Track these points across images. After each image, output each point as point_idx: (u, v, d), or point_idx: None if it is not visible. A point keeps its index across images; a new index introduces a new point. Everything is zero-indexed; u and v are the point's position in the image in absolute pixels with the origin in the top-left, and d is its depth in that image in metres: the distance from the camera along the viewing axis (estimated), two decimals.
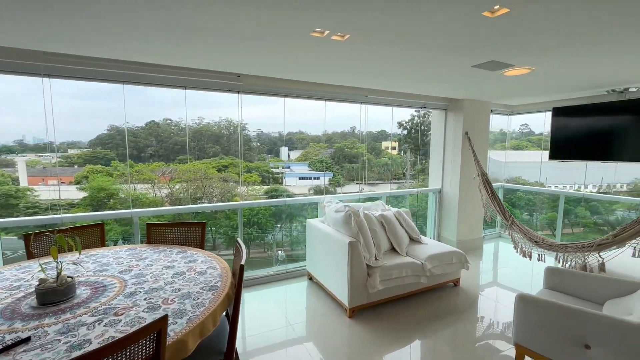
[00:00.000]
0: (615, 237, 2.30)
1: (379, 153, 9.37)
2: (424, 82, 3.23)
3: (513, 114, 4.96)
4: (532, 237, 3.06)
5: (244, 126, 8.29)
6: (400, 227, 3.33)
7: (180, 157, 7.93)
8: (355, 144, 9.58)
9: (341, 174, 9.43)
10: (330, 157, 9.26)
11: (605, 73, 2.78)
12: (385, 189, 8.57)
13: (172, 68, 2.67)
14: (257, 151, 9.00)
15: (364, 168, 8.74)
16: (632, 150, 3.40)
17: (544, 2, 1.48)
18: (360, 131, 8.73)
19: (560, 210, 4.65)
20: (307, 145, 9.51)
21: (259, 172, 8.50)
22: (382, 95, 3.70)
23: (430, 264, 3.00)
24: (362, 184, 8.41)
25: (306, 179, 8.68)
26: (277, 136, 8.57)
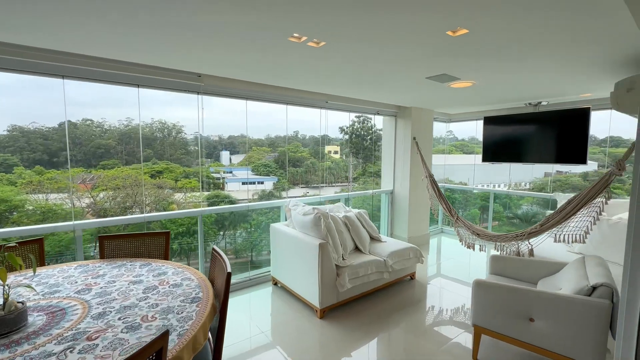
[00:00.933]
0: (542, 226, 2.76)
1: (322, 157, 9.53)
2: (381, 91, 3.46)
3: (450, 122, 5.56)
4: (474, 230, 3.47)
5: (179, 129, 7.72)
6: (362, 227, 3.49)
7: (105, 161, 7.04)
8: (298, 147, 9.58)
9: (285, 178, 9.37)
10: (274, 161, 9.11)
11: (526, 88, 3.30)
12: (330, 192, 8.68)
13: (123, 64, 2.43)
14: (196, 155, 8.45)
15: (308, 172, 8.75)
16: (542, 154, 4.08)
17: (494, 28, 1.73)
18: (304, 135, 8.73)
19: (490, 206, 5.34)
20: (250, 149, 9.27)
21: (197, 178, 7.96)
22: (341, 101, 3.85)
23: (391, 260, 3.20)
24: (306, 187, 8.48)
25: (250, 183, 8.43)
26: (217, 140, 8.17)
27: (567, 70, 2.55)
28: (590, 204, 2.44)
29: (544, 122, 4.00)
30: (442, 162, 6.14)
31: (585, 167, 6.41)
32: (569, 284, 2.05)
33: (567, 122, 3.80)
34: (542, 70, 2.55)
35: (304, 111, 3.75)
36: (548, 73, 2.65)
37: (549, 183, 6.73)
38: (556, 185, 6.51)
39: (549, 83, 3.01)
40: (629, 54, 2.16)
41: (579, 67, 2.46)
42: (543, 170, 6.63)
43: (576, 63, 2.36)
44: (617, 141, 5.04)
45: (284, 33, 1.83)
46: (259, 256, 5.81)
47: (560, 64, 2.38)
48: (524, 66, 2.47)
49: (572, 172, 6.45)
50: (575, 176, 6.49)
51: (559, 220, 2.62)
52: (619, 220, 3.02)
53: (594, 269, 2.04)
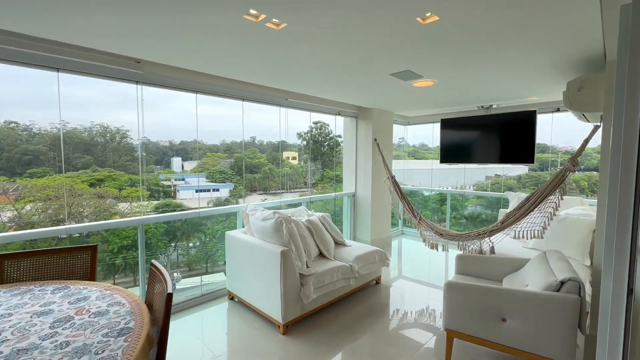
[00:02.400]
0: (503, 223, 2.80)
1: (280, 163, 9.38)
2: (344, 89, 3.32)
3: (409, 124, 5.65)
4: (437, 230, 3.46)
5: (124, 133, 6.99)
6: (326, 231, 3.30)
7: (33, 169, 6.11)
8: (255, 153, 9.32)
9: (242, 184, 9.02)
10: (230, 168, 8.71)
11: (481, 87, 3.39)
12: (289, 197, 8.54)
13: (38, 41, 1.98)
14: (144, 162, 7.78)
15: (266, 178, 8.53)
16: (495, 155, 4.27)
17: (464, 17, 1.66)
18: (261, 141, 8.47)
19: (448, 206, 5.49)
20: (204, 155, 8.81)
21: (145, 186, 7.32)
22: (302, 99, 3.65)
23: (357, 265, 3.04)
24: (264, 194, 8.22)
25: (204, 191, 7.96)
26: (167, 145, 7.62)
27: (523, 69, 2.62)
28: (547, 201, 2.51)
29: (495, 124, 4.18)
30: (402, 167, 6.25)
31: (519, 170, 7.01)
32: (536, 280, 2.04)
33: (516, 124, 4.00)
34: (499, 67, 2.59)
35: (262, 115, 3.48)
36: (505, 71, 2.71)
37: (489, 185, 7.27)
38: (495, 187, 7.14)
39: (504, 82, 3.11)
40: (579, 55, 2.26)
41: (533, 67, 2.54)
42: (484, 174, 7.20)
43: (531, 63, 2.43)
44: (542, 147, 5.45)
45: (238, 8, 1.58)
46: (214, 267, 5.35)
47: (518, 62, 2.43)
48: (484, 63, 2.48)
49: (508, 175, 7.02)
50: (511, 179, 7.04)
51: (518, 217, 2.67)
52: (567, 215, 3.19)
53: (557, 263, 2.05)
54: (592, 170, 6.14)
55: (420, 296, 3.30)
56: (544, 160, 6.59)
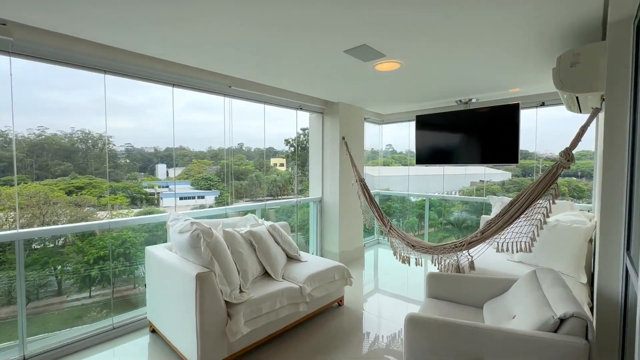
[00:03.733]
0: (483, 233, 2.30)
1: (268, 170, 9.29)
2: (295, 73, 2.79)
3: (383, 123, 5.18)
4: (409, 241, 2.94)
5: (107, 139, 6.46)
6: (275, 244, 2.72)
7: (8, 177, 5.51)
8: (243, 160, 9.02)
9: (228, 191, 8.72)
10: (216, 174, 8.34)
11: (456, 74, 2.93)
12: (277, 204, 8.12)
13: None
14: (127, 169, 7.42)
15: (253, 185, 8.23)
16: (474, 154, 3.81)
17: None
18: (249, 147, 8.16)
19: (426, 212, 5.00)
20: (190, 162, 8.49)
21: (127, 193, 6.85)
22: (251, 88, 3.10)
23: (310, 286, 2.48)
24: (251, 201, 8.00)
25: (189, 198, 7.60)
26: (152, 152, 7.23)
27: (503, 44, 2.16)
28: (535, 206, 2.02)
29: (475, 120, 3.73)
30: (377, 174, 5.79)
31: (502, 176, 6.77)
32: (526, 310, 1.52)
33: (498, 119, 3.56)
34: (474, 41, 2.12)
35: (250, 122, 3.12)
36: (481, 47, 2.24)
37: (474, 191, 7.00)
38: (479, 194, 6.88)
39: (481, 65, 2.65)
40: (570, 21, 1.80)
41: (514, 41, 2.08)
42: (470, 180, 6.96)
43: (512, 35, 1.96)
44: (524, 154, 5.10)
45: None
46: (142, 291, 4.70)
47: (497, 33, 1.96)
48: (457, 37, 2.00)
49: (491, 181, 6.81)
50: (494, 184, 6.84)
51: (501, 225, 2.17)
52: (557, 223, 2.72)
53: (553, 289, 1.54)
54: (570, 176, 5.90)
55: (395, 318, 2.75)
56: (527, 166, 6.30)
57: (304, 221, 4.52)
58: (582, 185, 6.20)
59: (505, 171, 6.71)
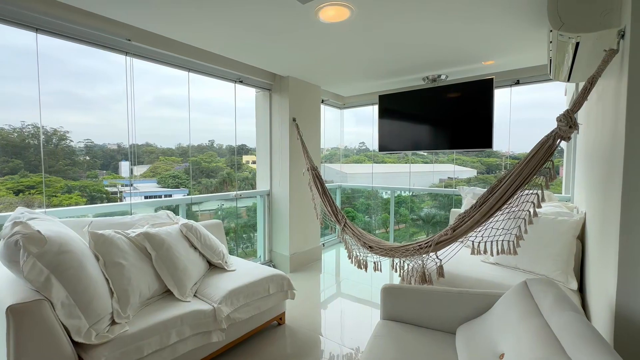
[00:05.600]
0: (455, 230, 1.77)
1: (240, 167, 8.99)
2: (212, 27, 2.11)
3: (345, 107, 4.60)
4: (366, 241, 2.37)
5: (63, 135, 5.79)
6: (189, 249, 2.04)
7: None
8: (213, 157, 8.53)
9: (198, 189, 8.26)
10: (184, 172, 7.83)
11: (424, 43, 2.39)
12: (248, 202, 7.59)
13: None
14: (87, 166, 6.71)
15: (224, 182, 7.80)
16: (443, 139, 3.34)
17: None
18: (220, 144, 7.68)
19: (391, 207, 4.52)
20: (157, 159, 7.94)
21: (86, 192, 6.13)
22: (161, 46, 2.36)
23: (229, 305, 1.82)
24: (221, 199, 7.69)
25: (155, 197, 7.11)
26: (115, 148, 6.59)
27: None
28: (523, 192, 1.50)
29: (444, 99, 3.25)
30: (339, 170, 5.25)
31: (469, 173, 6.63)
32: (520, 351, 0.97)
33: (470, 98, 3.09)
34: (440, 20, 1.56)
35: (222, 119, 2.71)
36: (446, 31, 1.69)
37: (443, 187, 6.85)
38: None
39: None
40: None
41: None
42: (438, 177, 6.80)
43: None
44: (488, 152, 4.81)
45: None
46: None
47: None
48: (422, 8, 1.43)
49: (459, 178, 6.75)
50: (461, 181, 6.74)
51: (478, 219, 1.64)
52: (540, 215, 2.26)
53: (560, 316, 1.00)
54: None
55: (357, 336, 2.17)
56: (491, 163, 6.41)
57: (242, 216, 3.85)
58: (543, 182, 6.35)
59: (471, 168, 6.69)
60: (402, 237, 5.72)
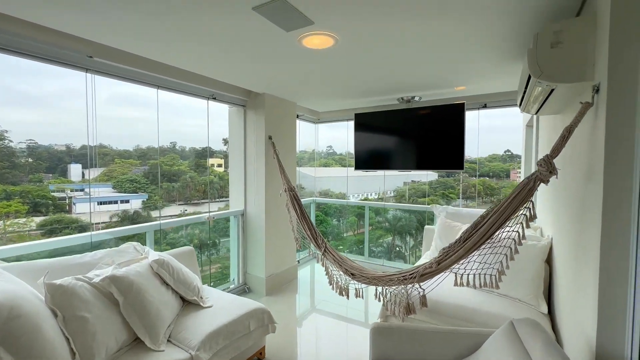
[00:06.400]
0: (439, 264, 1.80)
1: (204, 170, 8.58)
2: (193, 42, 1.98)
3: (319, 122, 4.58)
4: (348, 268, 2.34)
5: (0, 134, 5.19)
6: (161, 288, 1.87)
7: None
8: (176, 160, 8.06)
9: (159, 194, 7.78)
10: (143, 176, 7.32)
11: (401, 69, 2.44)
12: (213, 207, 7.28)
13: None
14: (29, 169, 5.98)
15: (187, 187, 7.41)
16: (417, 159, 3.43)
17: None
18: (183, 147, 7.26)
19: (366, 219, 4.55)
20: (112, 161, 7.30)
21: (28, 199, 5.46)
22: (126, 62, 2.17)
23: (208, 351, 1.70)
24: (185, 204, 7.18)
25: (110, 203, 6.45)
26: (64, 150, 5.94)
27: (457, 14, 1.66)
28: (505, 228, 1.56)
29: (418, 120, 3.34)
30: (314, 174, 5.20)
31: (432, 176, 6.92)
32: None
33: (442, 120, 3.20)
34: (426, 25, 1.59)
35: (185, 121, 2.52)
36: (432, 30, 1.73)
37: (407, 191, 7.09)
38: (412, 192, 7.11)
39: (430, 49, 2.16)
40: None
41: (469, 24, 1.60)
42: (403, 180, 7.05)
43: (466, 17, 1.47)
44: None
45: None
46: None
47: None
48: (405, 16, 1.44)
49: (421, 181, 6.98)
50: (424, 184, 7.01)
51: (462, 254, 1.67)
52: None
53: None
54: (484, 176, 6.25)
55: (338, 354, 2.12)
56: None
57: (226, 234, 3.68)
58: (494, 185, 6.74)
59: (433, 172, 6.90)
60: (369, 240, 5.68)
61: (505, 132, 6.91)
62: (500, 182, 7.24)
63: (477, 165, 4.75)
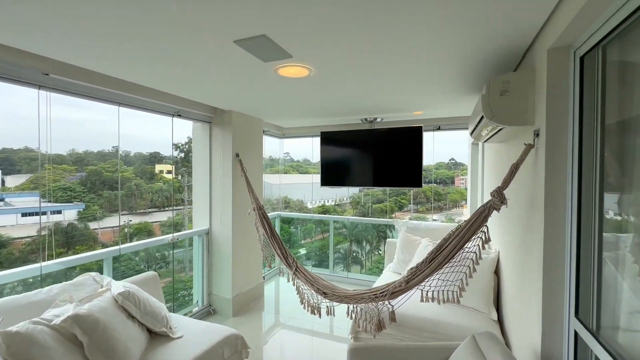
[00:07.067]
0: (408, 282, 1.95)
1: (152, 177, 7.91)
2: (167, 63, 1.94)
3: (284, 137, 4.63)
4: (320, 287, 2.41)
5: None
6: (127, 322, 1.76)
7: None
8: (118, 166, 7.50)
9: (98, 204, 7.14)
10: (80, 183, 6.74)
11: (369, 96, 2.61)
12: (162, 217, 6.82)
13: None
14: None
15: (132, 195, 6.89)
16: (380, 176, 3.64)
17: None
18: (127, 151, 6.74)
19: (331, 239, 4.66)
20: (41, 167, 6.49)
21: None
22: (86, 79, 2.04)
23: None
24: (129, 214, 6.64)
25: (36, 214, 5.72)
26: None
27: (426, 47, 1.86)
28: (464, 250, 1.75)
29: (381, 141, 3.56)
30: (280, 182, 5.21)
31: None
32: None
33: (403, 141, 3.45)
34: (394, 62, 1.75)
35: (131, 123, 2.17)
36: (398, 67, 1.90)
37: (362, 197, 7.60)
38: (366, 199, 7.48)
39: (395, 82, 2.35)
40: (487, 53, 1.60)
41: (431, 67, 1.80)
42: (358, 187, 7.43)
43: (430, 60, 1.66)
44: None
45: None
46: None
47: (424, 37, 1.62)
48: (377, 53, 1.58)
49: (374, 189, 7.34)
50: (378, 191, 7.39)
51: (428, 274, 1.84)
52: None
53: None
54: (431, 183, 6.83)
55: None
56: None
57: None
58: (441, 190, 7.37)
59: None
60: (326, 247, 5.72)
61: (450, 142, 7.59)
62: (446, 187, 7.90)
63: (426, 172, 5.12)
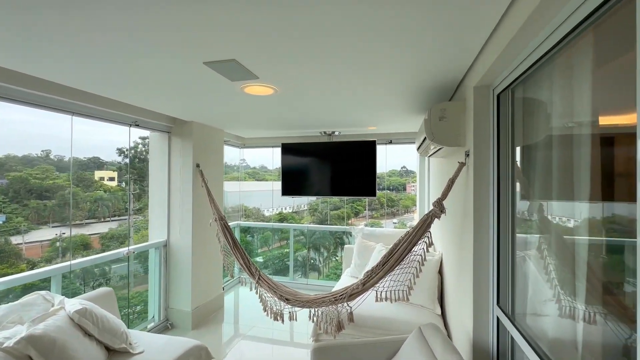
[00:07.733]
0: (364, 284, 2.15)
1: (91, 185, 7.20)
2: (135, 83, 1.94)
3: (245, 147, 4.67)
4: (282, 294, 2.52)
5: None
6: (85, 341, 1.71)
7: None
8: (50, 172, 6.79)
9: (23, 215, 6.49)
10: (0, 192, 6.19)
11: (329, 112, 2.82)
12: (102, 228, 6.28)
13: None
14: None
15: (67, 205, 6.27)
16: (338, 187, 3.87)
17: None
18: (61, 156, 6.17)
19: (291, 245, 4.77)
20: None
21: None
22: (35, 87, 1.95)
23: None
24: (62, 226, 5.90)
25: None
26: None
27: (386, 75, 2.11)
28: (412, 253, 2.00)
29: (338, 153, 3.80)
30: (237, 189, 5.20)
31: None
32: None
33: (358, 154, 3.72)
34: (353, 86, 1.98)
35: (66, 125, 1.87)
36: (357, 90, 2.13)
37: (319, 203, 7.78)
38: (324, 206, 7.51)
39: (353, 102, 2.59)
40: (428, 85, 1.89)
41: (386, 94, 2.06)
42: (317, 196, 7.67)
43: (385, 88, 1.91)
44: None
45: None
46: None
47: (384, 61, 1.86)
48: (340, 75, 1.78)
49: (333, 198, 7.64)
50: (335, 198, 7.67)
51: (382, 276, 2.06)
52: None
53: (447, 356, 1.44)
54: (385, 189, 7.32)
55: None
56: None
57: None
58: (394, 197, 7.77)
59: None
60: (284, 255, 5.79)
61: (401, 153, 8.17)
62: (399, 194, 8.42)
63: (379, 180, 5.48)
